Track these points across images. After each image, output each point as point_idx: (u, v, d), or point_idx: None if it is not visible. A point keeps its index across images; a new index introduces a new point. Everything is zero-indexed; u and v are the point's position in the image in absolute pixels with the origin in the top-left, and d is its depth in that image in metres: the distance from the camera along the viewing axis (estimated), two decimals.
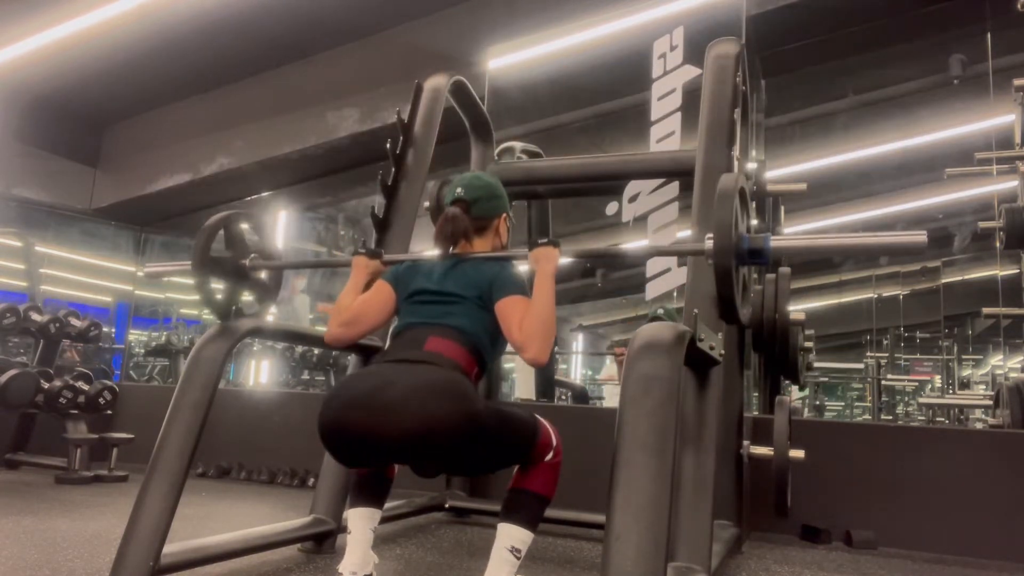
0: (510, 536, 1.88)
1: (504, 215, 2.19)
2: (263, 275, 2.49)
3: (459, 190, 2.13)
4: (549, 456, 1.95)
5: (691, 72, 3.17)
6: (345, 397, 1.76)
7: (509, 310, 1.90)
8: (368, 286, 2.18)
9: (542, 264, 1.97)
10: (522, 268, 2.13)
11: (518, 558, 1.87)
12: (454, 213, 2.09)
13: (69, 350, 7.08)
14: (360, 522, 2.01)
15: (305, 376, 9.27)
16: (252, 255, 2.41)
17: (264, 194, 8.45)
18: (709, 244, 1.85)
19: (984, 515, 3.07)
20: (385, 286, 2.12)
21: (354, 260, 2.22)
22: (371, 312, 2.09)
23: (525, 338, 1.84)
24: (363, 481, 2.06)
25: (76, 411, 4.38)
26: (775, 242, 1.92)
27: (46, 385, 4.33)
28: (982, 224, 4.57)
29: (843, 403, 11.47)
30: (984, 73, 5.56)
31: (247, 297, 2.46)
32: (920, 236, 1.79)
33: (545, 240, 2.02)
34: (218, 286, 2.37)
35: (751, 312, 3.01)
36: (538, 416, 2.00)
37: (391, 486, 2.10)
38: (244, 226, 2.43)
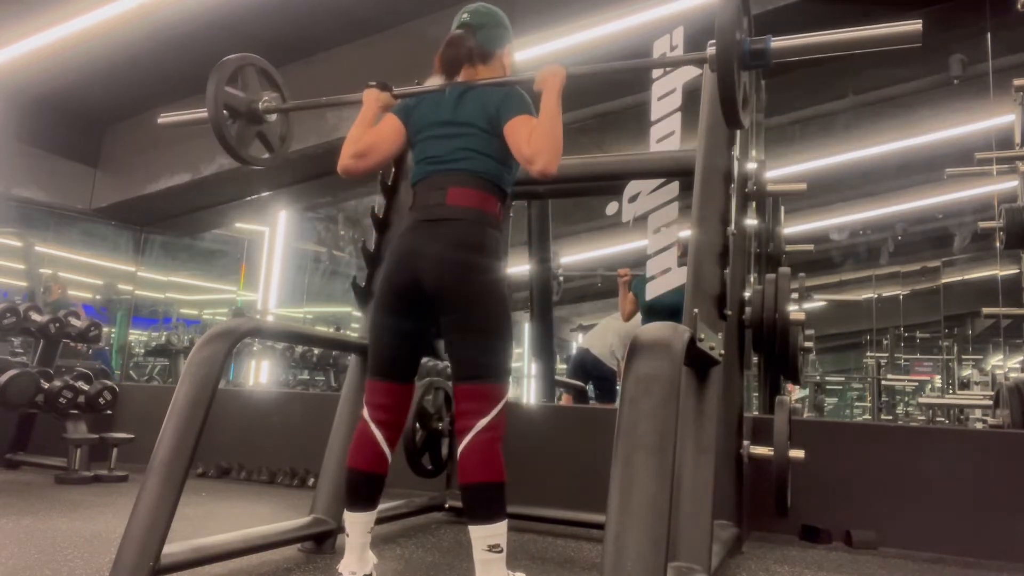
0: (483, 537, 1.86)
1: (509, 48, 2.21)
2: (274, 118, 2.57)
3: (465, 16, 2.16)
4: (495, 425, 1.91)
5: (691, 72, 3.16)
6: (394, 261, 2.05)
7: (517, 128, 1.96)
8: (378, 122, 2.22)
9: (549, 82, 2.01)
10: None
11: (500, 551, 1.86)
12: (459, 35, 2.11)
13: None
14: (357, 525, 2.02)
15: (305, 376, 9.29)
16: (265, 97, 2.47)
17: (264, 194, 8.44)
18: (711, 50, 1.87)
19: (984, 515, 3.07)
20: (394, 119, 2.16)
21: (365, 93, 2.25)
22: (382, 143, 2.14)
23: (534, 151, 1.91)
24: (356, 485, 2.06)
25: (76, 411, 4.38)
26: (776, 43, 1.95)
27: (46, 385, 4.33)
28: (982, 224, 4.58)
29: (843, 402, 11.48)
30: (984, 73, 5.56)
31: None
32: (915, 24, 1.82)
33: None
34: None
35: (752, 312, 3.00)
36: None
37: (383, 485, 2.09)
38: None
